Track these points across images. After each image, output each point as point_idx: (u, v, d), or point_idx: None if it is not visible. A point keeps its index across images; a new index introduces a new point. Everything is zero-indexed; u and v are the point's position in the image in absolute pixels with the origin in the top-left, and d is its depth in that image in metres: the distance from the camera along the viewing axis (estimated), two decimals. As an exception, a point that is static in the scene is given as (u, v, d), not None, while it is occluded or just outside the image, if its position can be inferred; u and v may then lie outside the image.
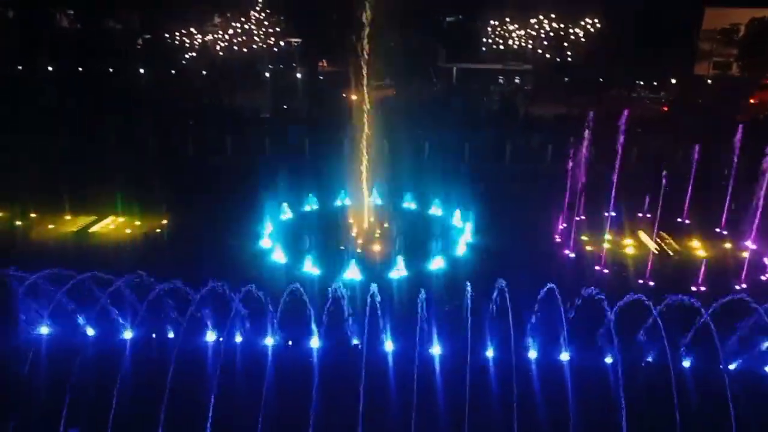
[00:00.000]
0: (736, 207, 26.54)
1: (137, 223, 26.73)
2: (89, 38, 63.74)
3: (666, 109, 52.51)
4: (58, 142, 35.47)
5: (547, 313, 15.23)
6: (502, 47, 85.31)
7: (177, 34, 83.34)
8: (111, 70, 56.92)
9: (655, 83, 64.88)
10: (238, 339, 15.67)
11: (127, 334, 15.66)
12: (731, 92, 57.37)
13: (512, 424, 12.81)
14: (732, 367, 14.76)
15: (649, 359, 14.92)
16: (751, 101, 55.33)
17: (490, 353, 15.14)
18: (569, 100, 57.24)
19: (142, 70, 61.45)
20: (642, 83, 65.37)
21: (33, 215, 26.59)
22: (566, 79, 65.82)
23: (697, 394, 13.58)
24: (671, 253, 24.22)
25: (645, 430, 12.69)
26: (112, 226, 26.83)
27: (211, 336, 15.80)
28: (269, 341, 15.51)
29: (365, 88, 24.80)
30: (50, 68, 56.74)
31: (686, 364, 14.94)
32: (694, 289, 20.09)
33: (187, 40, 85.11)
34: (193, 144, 38.60)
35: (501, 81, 71.81)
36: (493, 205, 26.86)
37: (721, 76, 67.77)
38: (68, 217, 26.92)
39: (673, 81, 63.56)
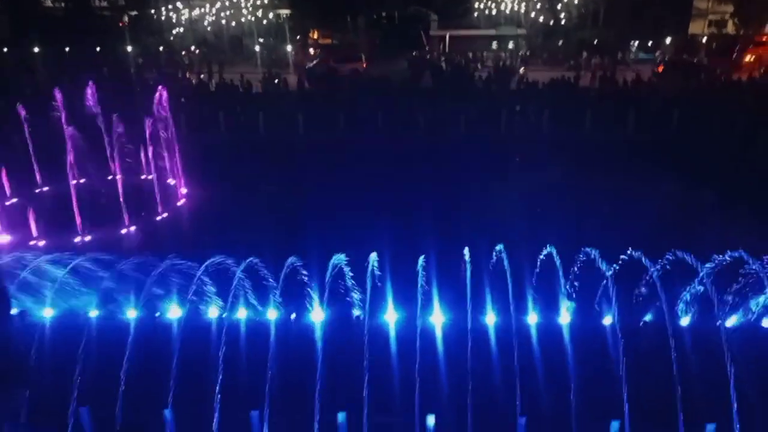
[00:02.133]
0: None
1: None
2: (75, 17, 62.93)
3: (661, 69, 52.12)
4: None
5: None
6: (494, 12, 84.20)
7: (163, 9, 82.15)
8: (98, 49, 56.20)
9: (649, 44, 64.42)
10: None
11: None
12: (727, 50, 57.14)
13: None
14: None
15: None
16: (747, 58, 55.05)
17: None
18: (563, 64, 56.90)
19: (129, 48, 60.69)
20: (637, 44, 64.91)
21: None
22: (560, 42, 65.36)
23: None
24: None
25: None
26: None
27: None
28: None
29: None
30: (36, 50, 55.92)
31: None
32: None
33: (174, 15, 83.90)
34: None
35: (494, 47, 71.18)
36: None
37: (716, 35, 67.30)
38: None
39: (668, 41, 63.10)
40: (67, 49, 55.56)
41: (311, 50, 68.39)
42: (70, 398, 12.82)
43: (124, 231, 23.30)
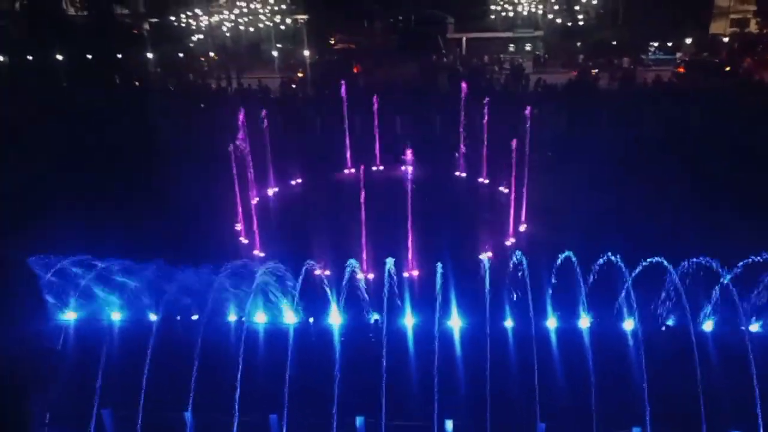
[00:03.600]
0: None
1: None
2: (97, 25, 63.93)
3: (682, 70, 51.35)
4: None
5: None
6: (511, 14, 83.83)
7: (183, 16, 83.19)
8: (120, 56, 56.97)
9: (669, 44, 63.53)
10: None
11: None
12: (749, 50, 56.14)
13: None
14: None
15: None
16: (769, 58, 54.04)
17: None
18: (581, 65, 56.36)
19: (150, 55, 61.47)
20: (656, 45, 64.06)
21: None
22: (578, 44, 64.79)
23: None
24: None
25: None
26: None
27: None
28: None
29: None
30: (60, 57, 56.85)
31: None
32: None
33: (193, 22, 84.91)
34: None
35: (511, 48, 70.85)
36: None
37: (738, 34, 66.17)
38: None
39: (689, 41, 62.16)
40: (89, 56, 56.42)
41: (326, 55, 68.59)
42: (93, 400, 13.03)
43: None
